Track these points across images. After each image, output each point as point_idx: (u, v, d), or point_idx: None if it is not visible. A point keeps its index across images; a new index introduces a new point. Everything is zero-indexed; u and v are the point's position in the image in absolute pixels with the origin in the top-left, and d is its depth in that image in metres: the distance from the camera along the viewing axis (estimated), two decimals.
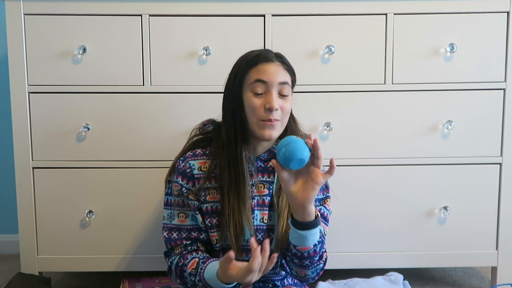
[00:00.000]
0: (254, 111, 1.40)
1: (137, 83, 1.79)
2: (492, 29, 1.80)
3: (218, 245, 1.47)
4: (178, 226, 1.47)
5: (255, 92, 1.40)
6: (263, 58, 1.42)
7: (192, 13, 1.77)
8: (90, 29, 1.77)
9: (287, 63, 1.45)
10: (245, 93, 1.42)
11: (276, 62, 1.43)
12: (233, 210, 1.42)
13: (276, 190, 1.49)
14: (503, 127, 1.83)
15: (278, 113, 1.40)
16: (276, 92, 1.40)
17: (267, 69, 1.41)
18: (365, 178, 1.84)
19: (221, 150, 1.45)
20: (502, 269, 1.89)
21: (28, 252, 1.84)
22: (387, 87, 1.81)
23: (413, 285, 1.96)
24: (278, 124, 1.41)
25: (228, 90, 1.47)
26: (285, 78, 1.43)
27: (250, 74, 1.42)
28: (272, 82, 1.40)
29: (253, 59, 1.43)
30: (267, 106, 1.38)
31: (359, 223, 1.86)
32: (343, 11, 1.77)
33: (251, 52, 1.47)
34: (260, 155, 1.49)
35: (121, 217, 1.83)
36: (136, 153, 1.81)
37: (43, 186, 1.82)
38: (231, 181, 1.42)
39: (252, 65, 1.42)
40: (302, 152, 1.25)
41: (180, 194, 1.47)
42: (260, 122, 1.40)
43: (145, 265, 1.86)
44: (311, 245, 1.36)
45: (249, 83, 1.41)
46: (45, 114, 1.79)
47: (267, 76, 1.40)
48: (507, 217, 1.87)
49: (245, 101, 1.42)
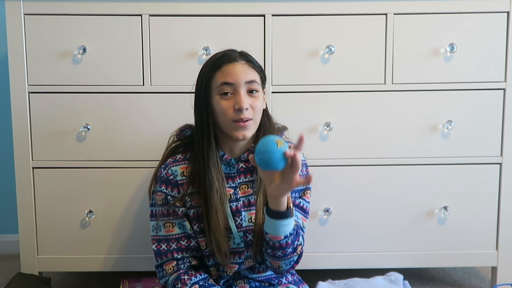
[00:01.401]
0: (224, 113, 1.39)
1: (137, 83, 1.79)
2: (492, 29, 1.80)
3: (207, 250, 1.47)
4: (166, 237, 1.46)
5: (222, 94, 1.40)
6: (227, 59, 1.41)
7: (192, 13, 1.76)
8: (90, 29, 1.77)
9: (252, 61, 1.44)
10: (213, 97, 1.41)
11: (241, 61, 1.41)
12: (211, 215, 1.41)
13: (256, 189, 1.47)
14: (503, 127, 1.83)
15: (249, 112, 1.39)
16: (244, 91, 1.39)
17: (232, 69, 1.40)
18: (365, 178, 1.84)
19: (195, 155, 1.44)
20: (502, 269, 1.89)
21: (28, 252, 1.84)
22: (387, 87, 1.81)
23: (413, 285, 1.96)
24: (250, 123, 1.40)
25: (197, 95, 1.45)
26: (252, 76, 1.41)
27: (215, 77, 1.41)
28: (238, 82, 1.39)
29: (216, 62, 1.41)
30: (236, 106, 1.38)
31: (359, 223, 1.86)
32: (343, 11, 1.77)
33: (216, 55, 1.45)
34: (240, 156, 1.48)
35: (121, 217, 1.83)
36: (136, 153, 1.81)
37: (43, 186, 1.82)
38: (201, 187, 1.42)
39: (216, 67, 1.41)
40: (277, 164, 1.23)
41: (164, 203, 1.46)
42: (232, 124, 1.39)
43: (145, 265, 1.86)
44: (282, 236, 1.35)
45: (215, 86, 1.40)
46: (45, 114, 1.79)
47: (232, 77, 1.39)
48: (507, 217, 1.87)
49: (214, 105, 1.41)
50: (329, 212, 1.84)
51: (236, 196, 1.46)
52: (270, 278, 1.54)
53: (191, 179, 1.44)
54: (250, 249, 1.46)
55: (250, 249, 1.46)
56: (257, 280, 1.53)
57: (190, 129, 1.53)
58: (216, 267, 1.50)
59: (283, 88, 1.79)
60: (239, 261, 1.47)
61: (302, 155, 1.32)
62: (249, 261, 1.48)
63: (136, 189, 1.82)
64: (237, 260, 1.46)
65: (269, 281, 1.53)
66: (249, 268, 1.52)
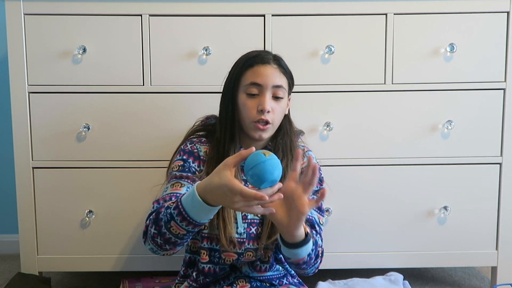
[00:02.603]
0: (247, 112, 1.44)
1: (137, 83, 1.79)
2: (492, 29, 1.80)
3: (206, 231, 1.47)
4: (170, 194, 1.38)
5: (249, 93, 1.44)
6: (260, 60, 1.45)
7: (192, 13, 1.77)
8: (90, 29, 1.77)
9: (284, 66, 1.47)
10: (240, 94, 1.46)
11: (273, 65, 1.45)
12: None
13: None
14: (503, 127, 1.83)
15: (270, 115, 1.43)
16: (270, 95, 1.44)
17: (262, 71, 1.43)
18: (365, 178, 1.84)
19: (214, 145, 1.48)
20: (502, 269, 1.89)
21: (28, 252, 1.84)
22: (387, 87, 1.81)
23: (413, 285, 1.96)
24: (269, 126, 1.44)
25: (225, 88, 1.50)
26: (280, 81, 1.45)
27: (246, 75, 1.45)
28: (266, 85, 1.43)
29: (249, 60, 1.46)
30: (259, 107, 1.42)
31: (359, 223, 1.86)
32: (343, 11, 1.77)
33: (250, 53, 1.49)
34: None
35: (121, 217, 1.83)
36: (136, 153, 1.81)
37: (43, 186, 1.82)
38: None
39: (248, 66, 1.45)
40: (272, 173, 1.14)
41: (180, 170, 1.45)
42: (252, 123, 1.43)
43: (145, 265, 1.86)
44: (305, 256, 1.35)
45: (244, 84, 1.45)
46: (45, 114, 1.79)
47: (261, 79, 1.43)
48: (507, 217, 1.87)
49: (239, 101, 1.46)
50: (329, 212, 1.84)
51: None
52: (271, 278, 1.54)
53: (209, 164, 1.46)
54: (251, 242, 1.47)
55: (251, 242, 1.47)
56: (258, 279, 1.53)
57: (215, 119, 1.57)
58: (209, 252, 1.48)
59: None
60: (239, 251, 1.47)
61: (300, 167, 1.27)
62: (249, 253, 1.48)
63: (136, 189, 1.82)
64: (237, 250, 1.47)
65: (270, 281, 1.53)
66: (250, 266, 1.52)
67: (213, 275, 1.49)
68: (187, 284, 1.51)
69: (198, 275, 1.50)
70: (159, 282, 1.86)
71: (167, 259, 1.85)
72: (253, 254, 1.49)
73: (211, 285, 1.50)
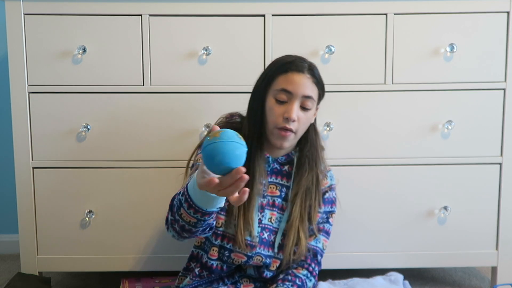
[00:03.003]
0: (273, 117, 1.43)
1: (137, 83, 1.79)
2: (492, 29, 1.80)
3: (221, 229, 1.47)
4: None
5: (278, 99, 1.42)
6: (295, 67, 1.43)
7: (192, 13, 1.76)
8: (90, 29, 1.77)
9: (317, 77, 1.46)
10: (269, 97, 1.44)
11: (306, 74, 1.43)
12: (242, 204, 1.40)
13: (291, 196, 1.50)
14: (503, 127, 1.83)
15: (295, 124, 1.42)
16: (298, 104, 1.42)
17: (295, 79, 1.42)
18: (364, 178, 1.84)
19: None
20: (502, 269, 1.89)
21: (28, 252, 1.84)
22: (387, 87, 1.81)
23: (413, 285, 1.96)
24: (291, 135, 1.43)
25: (256, 88, 1.49)
26: (311, 92, 1.44)
27: (278, 79, 1.43)
28: (296, 94, 1.41)
29: (285, 65, 1.44)
30: (285, 115, 1.41)
31: (359, 223, 1.86)
32: (343, 11, 1.77)
33: (286, 57, 1.47)
34: (278, 158, 1.51)
35: (121, 217, 1.83)
36: (136, 153, 1.81)
37: (43, 186, 1.82)
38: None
39: (282, 71, 1.43)
40: (213, 158, 1.02)
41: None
42: (275, 130, 1.42)
43: (145, 265, 1.86)
44: None
45: (275, 88, 1.43)
46: (45, 114, 1.79)
47: (293, 87, 1.41)
48: (507, 217, 1.87)
49: (267, 105, 1.45)
50: None
51: (264, 193, 1.49)
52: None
53: None
54: (262, 247, 1.47)
55: (262, 247, 1.47)
56: (262, 280, 1.53)
57: (240, 118, 1.56)
58: (219, 249, 1.48)
59: None
60: (249, 254, 1.47)
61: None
62: (258, 258, 1.48)
63: (136, 189, 1.82)
64: (248, 253, 1.47)
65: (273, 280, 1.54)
66: (256, 270, 1.52)
67: (219, 272, 1.49)
68: (190, 279, 1.51)
69: (201, 270, 1.49)
70: (159, 282, 1.85)
71: (167, 259, 1.85)
72: (262, 259, 1.49)
73: (215, 282, 1.50)
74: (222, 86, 1.79)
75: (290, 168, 1.53)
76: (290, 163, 1.53)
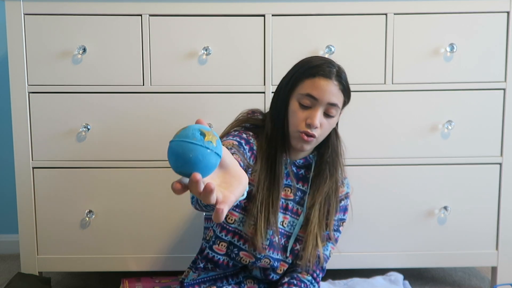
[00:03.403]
0: (295, 121, 1.39)
1: (137, 83, 1.79)
2: (492, 29, 1.80)
3: (233, 226, 1.44)
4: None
5: (302, 104, 1.39)
6: (323, 72, 1.38)
7: (192, 13, 1.76)
8: (90, 29, 1.77)
9: (344, 84, 1.41)
10: (293, 100, 1.41)
11: (334, 81, 1.39)
12: (265, 205, 1.40)
13: (309, 202, 1.48)
14: (503, 127, 1.83)
15: (317, 130, 1.39)
16: (322, 111, 1.39)
17: (322, 86, 1.37)
18: (364, 178, 1.84)
19: (263, 143, 1.43)
20: (502, 269, 1.89)
21: (28, 252, 1.84)
22: (387, 87, 1.81)
23: (413, 285, 1.96)
24: (313, 140, 1.39)
25: (280, 88, 1.45)
26: (337, 100, 1.40)
27: (304, 83, 1.39)
28: (322, 100, 1.38)
29: (313, 69, 1.39)
30: (308, 121, 1.37)
31: (359, 223, 1.86)
32: (343, 11, 1.77)
33: (314, 59, 1.43)
34: (296, 160, 1.48)
35: (121, 217, 1.83)
36: (136, 153, 1.81)
37: (43, 186, 1.82)
38: (267, 178, 1.40)
39: (310, 75, 1.39)
40: (175, 159, 0.81)
41: (235, 148, 1.32)
42: (297, 133, 1.39)
43: (145, 265, 1.86)
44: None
45: (300, 92, 1.39)
46: (45, 114, 1.79)
47: (319, 93, 1.37)
48: (507, 217, 1.87)
49: (290, 107, 1.41)
50: None
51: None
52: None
53: (259, 160, 1.41)
54: (271, 250, 1.46)
55: (271, 250, 1.46)
56: (266, 282, 1.53)
57: (261, 115, 1.52)
58: (228, 245, 1.46)
59: None
60: (258, 256, 1.46)
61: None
62: (266, 260, 1.48)
63: (136, 189, 1.82)
64: (257, 254, 1.45)
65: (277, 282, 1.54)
66: (262, 271, 1.52)
67: (224, 267, 1.48)
68: (193, 273, 1.49)
69: (206, 263, 1.48)
70: (159, 282, 1.85)
71: (167, 259, 1.85)
72: (270, 262, 1.48)
73: (218, 281, 1.49)
74: (222, 86, 1.79)
75: (307, 172, 1.51)
76: (307, 167, 1.50)
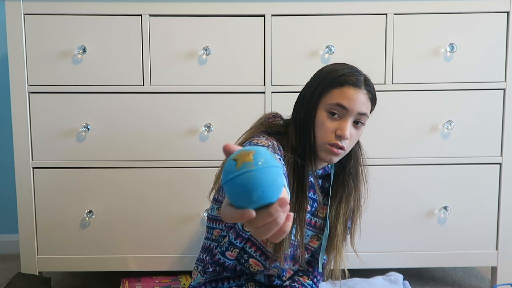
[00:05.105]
0: (324, 132, 1.33)
1: (137, 83, 1.79)
2: (492, 29, 1.80)
3: (248, 233, 1.39)
4: None
5: (331, 113, 1.33)
6: (352, 82, 1.33)
7: (192, 13, 1.76)
8: (90, 29, 1.77)
9: (373, 92, 1.37)
10: (321, 110, 1.34)
11: (363, 90, 1.34)
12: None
13: (332, 216, 1.44)
14: (503, 127, 1.83)
15: (346, 142, 1.33)
16: (352, 121, 1.33)
17: (352, 95, 1.32)
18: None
19: (288, 153, 1.35)
20: (502, 269, 1.89)
21: (28, 252, 1.84)
22: (387, 87, 1.81)
23: (413, 285, 1.96)
24: (342, 152, 1.34)
25: (305, 97, 1.38)
26: (366, 109, 1.35)
27: (332, 93, 1.33)
28: (352, 110, 1.32)
29: (340, 78, 1.33)
30: (338, 132, 1.32)
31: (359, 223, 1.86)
32: (343, 11, 1.77)
33: (341, 67, 1.37)
34: (316, 171, 1.43)
35: (121, 217, 1.83)
36: (136, 153, 1.81)
37: (43, 186, 1.82)
38: (293, 192, 1.35)
39: (338, 84, 1.33)
40: (246, 194, 0.70)
41: (270, 146, 1.27)
42: (326, 145, 1.33)
43: (145, 265, 1.86)
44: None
45: (328, 101, 1.33)
46: (45, 114, 1.79)
47: (349, 103, 1.31)
48: (507, 217, 1.87)
49: (317, 118, 1.35)
50: None
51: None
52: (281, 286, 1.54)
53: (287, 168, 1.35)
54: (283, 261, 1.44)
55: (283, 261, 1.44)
56: (268, 286, 1.53)
57: (282, 120, 1.45)
58: (240, 251, 1.43)
59: (283, 88, 1.79)
60: (267, 266, 1.44)
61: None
62: (274, 270, 1.47)
63: (136, 189, 1.82)
64: (267, 264, 1.44)
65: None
66: (267, 278, 1.51)
67: (232, 271, 1.47)
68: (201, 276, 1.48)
69: (215, 267, 1.46)
70: (159, 282, 1.85)
71: (167, 259, 1.85)
72: (278, 271, 1.48)
73: (219, 282, 1.49)
74: (222, 86, 1.79)
75: (324, 183, 1.46)
76: (326, 177, 1.46)
